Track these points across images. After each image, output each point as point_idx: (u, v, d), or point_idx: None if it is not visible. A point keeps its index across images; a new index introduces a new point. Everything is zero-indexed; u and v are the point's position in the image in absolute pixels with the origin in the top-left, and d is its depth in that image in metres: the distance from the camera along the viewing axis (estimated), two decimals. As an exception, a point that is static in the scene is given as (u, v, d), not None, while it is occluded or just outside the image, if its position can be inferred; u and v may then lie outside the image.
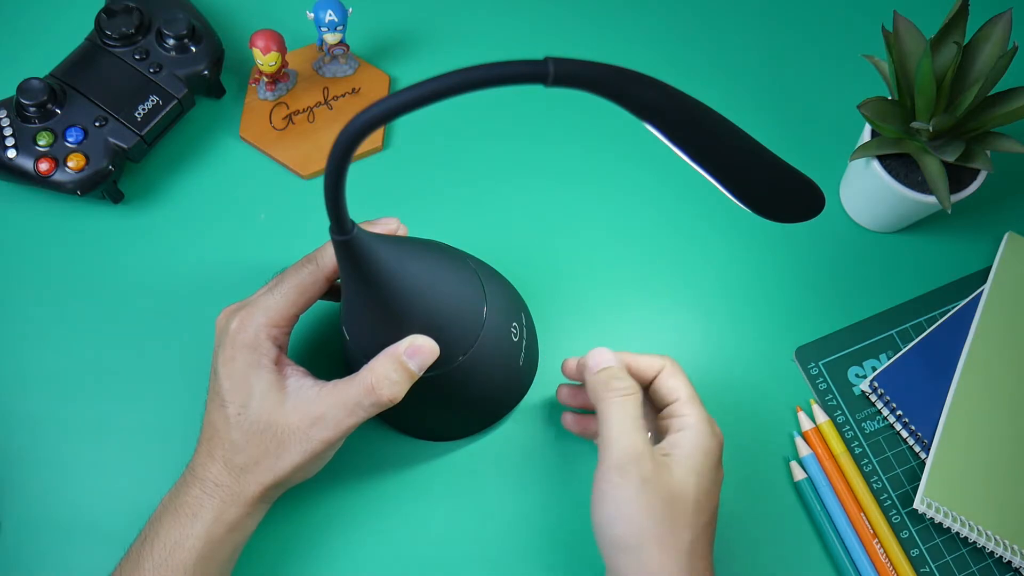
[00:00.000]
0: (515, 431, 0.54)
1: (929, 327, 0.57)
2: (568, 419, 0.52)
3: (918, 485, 0.52)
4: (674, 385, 0.47)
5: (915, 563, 0.51)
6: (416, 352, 0.43)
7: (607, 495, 0.42)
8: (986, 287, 0.57)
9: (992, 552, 0.51)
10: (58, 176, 0.54)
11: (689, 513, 0.42)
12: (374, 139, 0.60)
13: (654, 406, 0.48)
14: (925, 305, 0.58)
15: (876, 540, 0.51)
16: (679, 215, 0.60)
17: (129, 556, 0.44)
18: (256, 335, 0.44)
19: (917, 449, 0.53)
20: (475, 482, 0.52)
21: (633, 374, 0.47)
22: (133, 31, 0.57)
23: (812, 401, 0.55)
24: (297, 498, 0.50)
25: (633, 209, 0.60)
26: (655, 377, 0.47)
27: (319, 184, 0.60)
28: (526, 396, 0.54)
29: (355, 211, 0.36)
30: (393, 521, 0.51)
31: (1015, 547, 0.51)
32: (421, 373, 0.43)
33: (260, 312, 0.44)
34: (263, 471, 0.44)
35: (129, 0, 0.58)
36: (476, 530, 0.51)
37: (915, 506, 0.51)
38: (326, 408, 0.43)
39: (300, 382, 0.44)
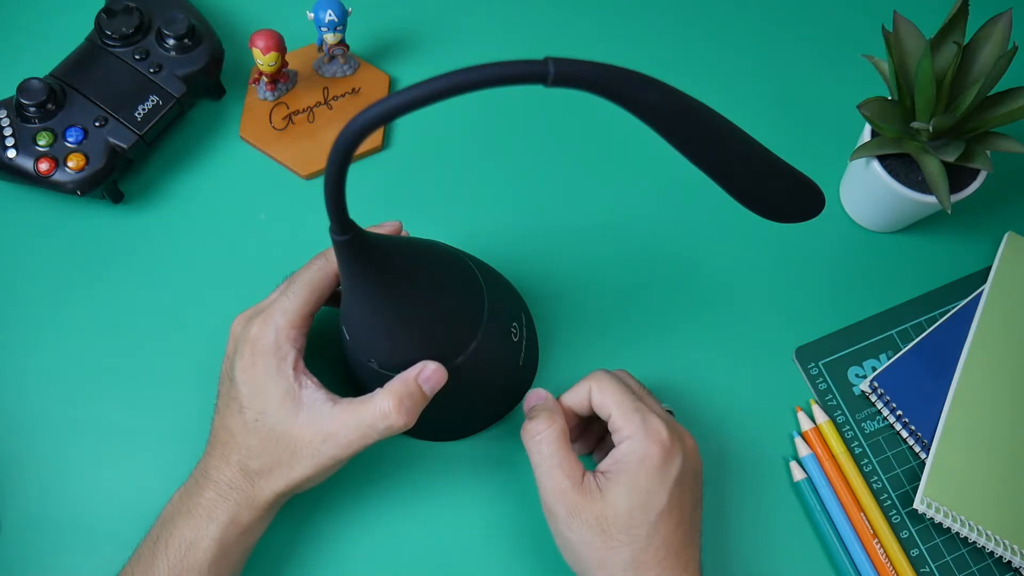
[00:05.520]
0: (515, 431, 0.53)
1: (929, 327, 0.57)
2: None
3: (918, 485, 0.52)
4: (601, 402, 0.46)
5: (915, 563, 0.51)
6: (429, 377, 0.44)
7: (553, 531, 0.45)
8: (986, 287, 0.57)
9: (992, 552, 0.51)
10: (58, 176, 0.54)
11: (623, 531, 0.43)
12: (374, 139, 0.60)
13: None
14: (925, 305, 0.58)
15: (876, 540, 0.51)
16: (679, 215, 0.60)
17: (140, 557, 0.44)
18: (276, 338, 0.44)
19: (917, 449, 0.53)
20: (475, 481, 0.52)
21: (575, 409, 0.48)
22: (133, 31, 0.57)
23: (812, 401, 0.55)
24: (298, 498, 0.50)
25: (633, 208, 0.60)
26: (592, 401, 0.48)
27: (319, 184, 0.60)
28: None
29: (355, 211, 0.36)
30: (393, 520, 0.51)
31: (1015, 547, 0.51)
32: (432, 396, 0.44)
33: (279, 314, 0.45)
34: (276, 478, 0.44)
35: (129, 0, 0.58)
36: (476, 529, 0.51)
37: (915, 506, 0.51)
38: (339, 427, 0.43)
39: (314, 396, 0.44)
